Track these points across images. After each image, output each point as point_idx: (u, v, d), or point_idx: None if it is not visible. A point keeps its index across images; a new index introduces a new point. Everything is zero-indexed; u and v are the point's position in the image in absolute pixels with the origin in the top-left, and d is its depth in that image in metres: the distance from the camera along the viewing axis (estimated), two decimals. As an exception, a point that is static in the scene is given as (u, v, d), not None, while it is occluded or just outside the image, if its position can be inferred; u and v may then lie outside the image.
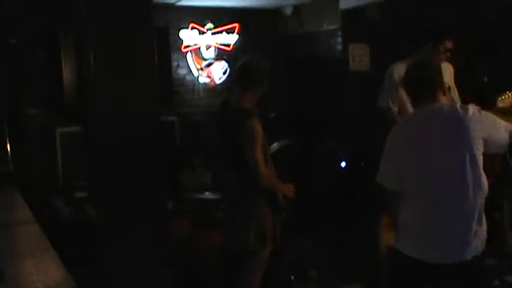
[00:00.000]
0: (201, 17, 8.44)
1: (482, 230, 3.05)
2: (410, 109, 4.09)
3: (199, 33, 8.42)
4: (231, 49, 8.67)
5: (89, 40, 3.91)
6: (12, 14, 6.79)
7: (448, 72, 4.90)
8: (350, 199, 6.75)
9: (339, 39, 8.32)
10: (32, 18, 6.89)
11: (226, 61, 8.69)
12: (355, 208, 6.40)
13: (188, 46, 8.41)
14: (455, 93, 5.03)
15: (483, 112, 3.09)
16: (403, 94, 4.56)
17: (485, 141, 3.01)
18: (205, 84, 8.70)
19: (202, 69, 8.63)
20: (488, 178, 3.08)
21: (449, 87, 3.56)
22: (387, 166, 3.26)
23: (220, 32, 8.57)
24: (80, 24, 4.09)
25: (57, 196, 6.13)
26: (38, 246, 3.44)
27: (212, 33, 8.52)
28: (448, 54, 4.87)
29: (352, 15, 8.05)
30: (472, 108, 3.05)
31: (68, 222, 5.41)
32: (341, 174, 7.73)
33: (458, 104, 4.68)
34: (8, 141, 5.94)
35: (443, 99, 3.23)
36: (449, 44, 4.83)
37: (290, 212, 4.38)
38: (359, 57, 8.06)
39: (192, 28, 8.34)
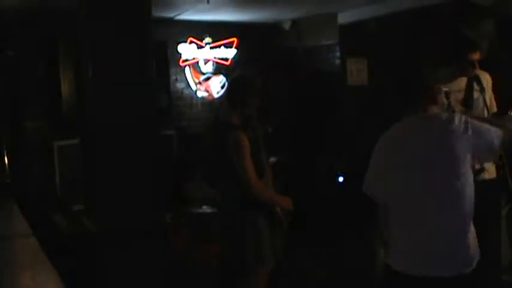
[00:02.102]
0: (199, 31, 8.46)
1: (469, 244, 3.00)
2: None
3: (198, 47, 8.43)
4: (229, 63, 8.68)
5: (88, 53, 3.92)
6: (11, 26, 6.81)
7: (484, 81, 4.66)
8: (348, 214, 6.74)
9: (337, 54, 8.36)
10: (31, 30, 6.91)
11: (225, 75, 8.69)
12: (353, 223, 6.39)
13: (186, 60, 8.42)
14: (492, 104, 4.77)
15: (471, 122, 3.01)
16: None
17: (471, 156, 2.97)
18: (203, 98, 8.71)
19: (200, 83, 8.64)
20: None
21: (448, 92, 3.42)
22: (371, 176, 3.24)
23: (219, 46, 8.59)
24: (79, 37, 4.10)
25: (55, 209, 6.12)
26: (35, 259, 3.43)
27: (210, 48, 8.54)
28: (477, 66, 4.56)
29: (350, 29, 8.09)
30: (458, 121, 2.99)
31: (65, 235, 5.40)
32: (339, 189, 7.73)
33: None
34: (6, 153, 5.94)
35: (434, 108, 3.14)
36: (475, 56, 4.55)
37: (288, 227, 4.38)
38: (357, 71, 8.10)
39: (191, 42, 8.36)
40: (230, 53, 8.65)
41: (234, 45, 8.65)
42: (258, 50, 8.91)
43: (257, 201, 4.15)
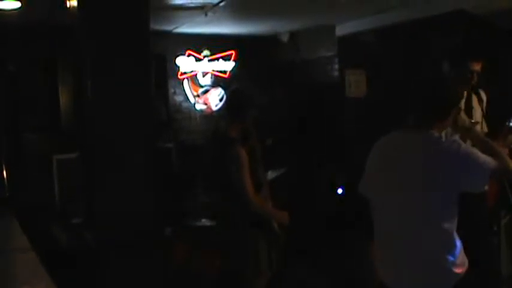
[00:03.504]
0: (197, 44, 8.49)
1: (438, 263, 2.89)
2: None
3: (196, 60, 8.46)
4: (228, 76, 8.71)
5: (86, 66, 3.92)
6: (11, 41, 6.83)
7: (475, 99, 4.47)
8: (348, 226, 6.73)
9: (336, 66, 8.37)
10: (31, 45, 6.93)
11: (223, 88, 8.72)
12: (353, 235, 6.37)
13: (185, 73, 8.44)
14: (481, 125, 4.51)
15: (462, 149, 2.83)
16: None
17: (450, 183, 2.80)
18: (201, 111, 8.72)
19: (198, 96, 8.66)
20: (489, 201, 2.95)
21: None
22: (364, 180, 3.24)
23: (217, 58, 8.62)
24: (78, 50, 4.11)
25: (54, 222, 6.11)
26: (35, 273, 3.42)
27: (209, 60, 8.57)
28: (476, 78, 4.35)
29: (349, 41, 8.10)
30: (446, 145, 2.86)
31: (65, 248, 5.39)
32: (339, 201, 7.72)
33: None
34: (4, 167, 5.94)
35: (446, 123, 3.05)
36: (476, 66, 4.32)
37: (287, 238, 4.38)
38: (356, 83, 8.10)
39: (189, 55, 8.38)
40: (228, 65, 8.67)
41: (232, 58, 8.67)
42: (256, 63, 8.93)
43: (254, 215, 4.15)
